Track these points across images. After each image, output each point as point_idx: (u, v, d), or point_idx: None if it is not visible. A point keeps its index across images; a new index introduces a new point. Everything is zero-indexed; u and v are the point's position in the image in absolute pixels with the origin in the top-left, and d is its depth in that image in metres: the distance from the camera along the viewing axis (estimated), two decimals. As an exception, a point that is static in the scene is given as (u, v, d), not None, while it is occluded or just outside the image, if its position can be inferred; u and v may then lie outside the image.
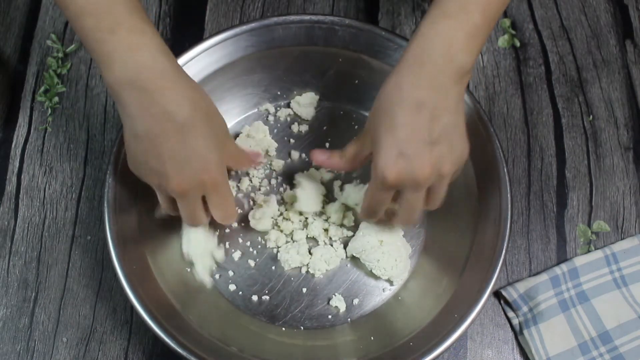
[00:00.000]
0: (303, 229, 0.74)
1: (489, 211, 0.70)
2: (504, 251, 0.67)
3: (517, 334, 0.74)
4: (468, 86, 0.82)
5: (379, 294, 0.73)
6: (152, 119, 0.57)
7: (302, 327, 0.71)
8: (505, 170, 0.70)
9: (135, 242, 0.68)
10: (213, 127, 0.61)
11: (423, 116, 0.56)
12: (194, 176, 0.59)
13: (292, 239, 0.74)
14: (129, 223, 0.69)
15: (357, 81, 0.78)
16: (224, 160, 0.63)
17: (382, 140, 0.58)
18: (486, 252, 0.68)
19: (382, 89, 0.59)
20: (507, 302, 0.75)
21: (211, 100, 0.62)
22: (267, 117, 0.80)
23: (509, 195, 0.69)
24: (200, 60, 0.73)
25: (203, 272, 0.72)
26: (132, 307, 0.64)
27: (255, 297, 0.73)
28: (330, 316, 0.72)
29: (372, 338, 0.69)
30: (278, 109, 0.80)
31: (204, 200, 0.64)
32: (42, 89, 0.83)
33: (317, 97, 0.80)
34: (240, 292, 0.73)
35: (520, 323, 0.73)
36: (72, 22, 0.57)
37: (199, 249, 0.72)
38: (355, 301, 0.73)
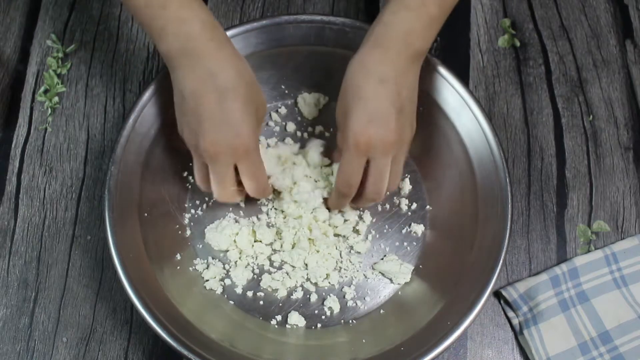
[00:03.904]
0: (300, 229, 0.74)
1: (488, 211, 0.70)
2: (504, 251, 0.67)
3: (517, 334, 0.74)
4: (468, 85, 0.83)
5: (374, 297, 0.73)
6: (197, 80, 0.62)
7: (295, 326, 0.71)
8: (506, 170, 0.70)
9: (136, 242, 0.68)
10: (252, 97, 0.64)
11: (387, 89, 0.62)
12: (226, 139, 0.62)
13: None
14: (129, 223, 0.69)
15: None
16: (258, 127, 0.65)
17: (351, 111, 0.63)
18: (486, 252, 0.68)
19: (347, 71, 0.64)
20: (507, 302, 0.75)
21: (252, 72, 0.65)
22: (271, 114, 0.80)
23: (509, 195, 0.69)
24: None
25: (213, 282, 0.72)
26: (132, 307, 0.64)
27: (250, 293, 0.73)
28: (323, 317, 0.72)
29: (363, 341, 0.69)
30: (284, 107, 0.80)
31: (236, 172, 0.66)
32: (42, 89, 0.83)
33: (327, 98, 0.80)
34: (235, 288, 0.73)
35: (520, 323, 0.73)
36: (125, 1, 0.63)
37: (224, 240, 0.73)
38: (350, 303, 0.73)
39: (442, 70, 0.72)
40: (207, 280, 0.73)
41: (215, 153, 0.63)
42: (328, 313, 0.72)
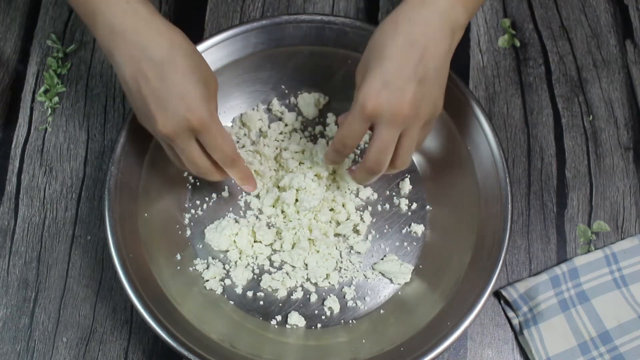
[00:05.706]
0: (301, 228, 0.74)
1: (489, 211, 0.70)
2: (504, 251, 0.67)
3: (517, 334, 0.74)
4: (468, 85, 0.83)
5: (374, 297, 0.73)
6: (132, 60, 0.58)
7: (295, 326, 0.71)
8: (506, 170, 0.70)
9: (136, 242, 0.68)
10: (195, 67, 0.59)
11: (413, 54, 0.57)
12: (177, 115, 0.59)
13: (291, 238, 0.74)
14: (129, 223, 0.69)
15: None
16: (210, 97, 0.61)
17: (369, 71, 0.58)
18: (486, 252, 0.68)
19: (378, 27, 0.60)
20: (507, 302, 0.75)
21: (191, 43, 0.61)
22: (271, 113, 0.80)
23: (509, 195, 0.69)
24: (209, 54, 0.73)
25: (213, 282, 0.72)
26: (132, 307, 0.64)
27: (250, 293, 0.73)
28: (323, 317, 0.72)
29: (363, 341, 0.69)
30: (284, 107, 0.80)
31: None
32: (42, 89, 0.83)
33: (327, 98, 0.80)
34: (235, 288, 0.73)
35: (520, 323, 0.73)
36: None
37: (224, 241, 0.73)
38: (350, 303, 0.73)
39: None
40: (207, 281, 0.73)
41: (170, 133, 0.60)
42: (328, 313, 0.72)
